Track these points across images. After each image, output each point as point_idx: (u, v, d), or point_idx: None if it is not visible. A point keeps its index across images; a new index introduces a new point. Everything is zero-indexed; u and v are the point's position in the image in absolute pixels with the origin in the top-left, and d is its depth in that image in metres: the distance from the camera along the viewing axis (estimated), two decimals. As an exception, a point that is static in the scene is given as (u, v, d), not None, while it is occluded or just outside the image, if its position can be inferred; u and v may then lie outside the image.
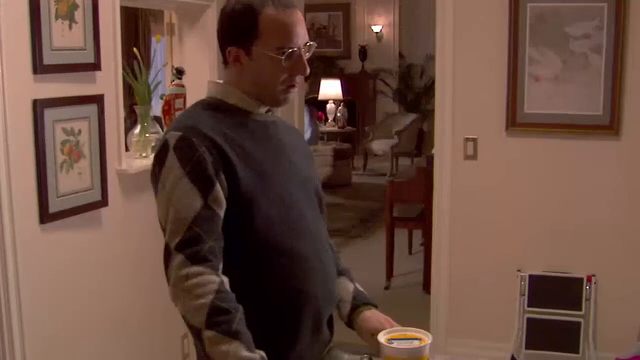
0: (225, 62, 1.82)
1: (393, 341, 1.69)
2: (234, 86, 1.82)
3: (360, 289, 2.00)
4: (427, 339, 1.70)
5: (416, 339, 1.70)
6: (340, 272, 2.00)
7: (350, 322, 1.94)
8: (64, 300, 2.80)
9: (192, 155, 1.66)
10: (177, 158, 1.67)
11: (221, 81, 1.86)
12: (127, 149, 3.20)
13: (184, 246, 1.62)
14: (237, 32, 1.76)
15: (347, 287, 1.98)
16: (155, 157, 1.73)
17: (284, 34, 1.74)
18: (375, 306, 1.96)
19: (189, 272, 1.60)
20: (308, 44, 1.80)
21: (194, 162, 1.66)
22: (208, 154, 1.67)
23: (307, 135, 6.59)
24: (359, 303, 1.94)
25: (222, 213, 1.68)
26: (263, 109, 1.84)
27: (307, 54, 1.80)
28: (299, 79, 1.82)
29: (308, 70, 1.80)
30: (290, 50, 1.74)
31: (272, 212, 1.74)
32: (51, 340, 2.73)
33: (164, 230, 1.69)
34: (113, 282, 3.08)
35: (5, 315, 2.53)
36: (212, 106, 1.81)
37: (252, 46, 1.75)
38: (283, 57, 1.74)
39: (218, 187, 1.67)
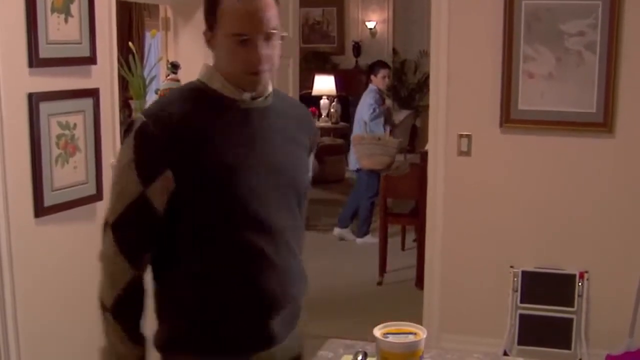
0: None
1: (388, 335, 1.70)
2: (217, 70, 1.78)
3: None
4: (422, 333, 1.71)
5: (411, 333, 1.71)
6: None
7: None
8: (58, 293, 2.80)
9: (146, 144, 1.66)
10: (134, 142, 1.67)
11: (211, 64, 1.82)
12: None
13: (116, 228, 1.69)
14: (206, 16, 1.77)
15: None
16: (123, 133, 1.76)
17: (239, 21, 1.70)
18: None
19: (114, 256, 1.69)
20: (271, 31, 1.72)
21: (146, 152, 1.66)
22: (165, 146, 1.65)
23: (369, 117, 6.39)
24: None
25: (160, 207, 1.68)
26: (247, 95, 1.77)
27: (268, 42, 1.72)
28: (267, 66, 1.73)
29: (261, 61, 1.71)
30: (244, 38, 1.70)
31: (233, 206, 1.70)
32: (45, 333, 2.74)
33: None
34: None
35: (0, 308, 2.53)
36: (194, 92, 1.78)
37: (216, 30, 1.74)
38: (238, 45, 1.70)
39: (161, 182, 1.66)
